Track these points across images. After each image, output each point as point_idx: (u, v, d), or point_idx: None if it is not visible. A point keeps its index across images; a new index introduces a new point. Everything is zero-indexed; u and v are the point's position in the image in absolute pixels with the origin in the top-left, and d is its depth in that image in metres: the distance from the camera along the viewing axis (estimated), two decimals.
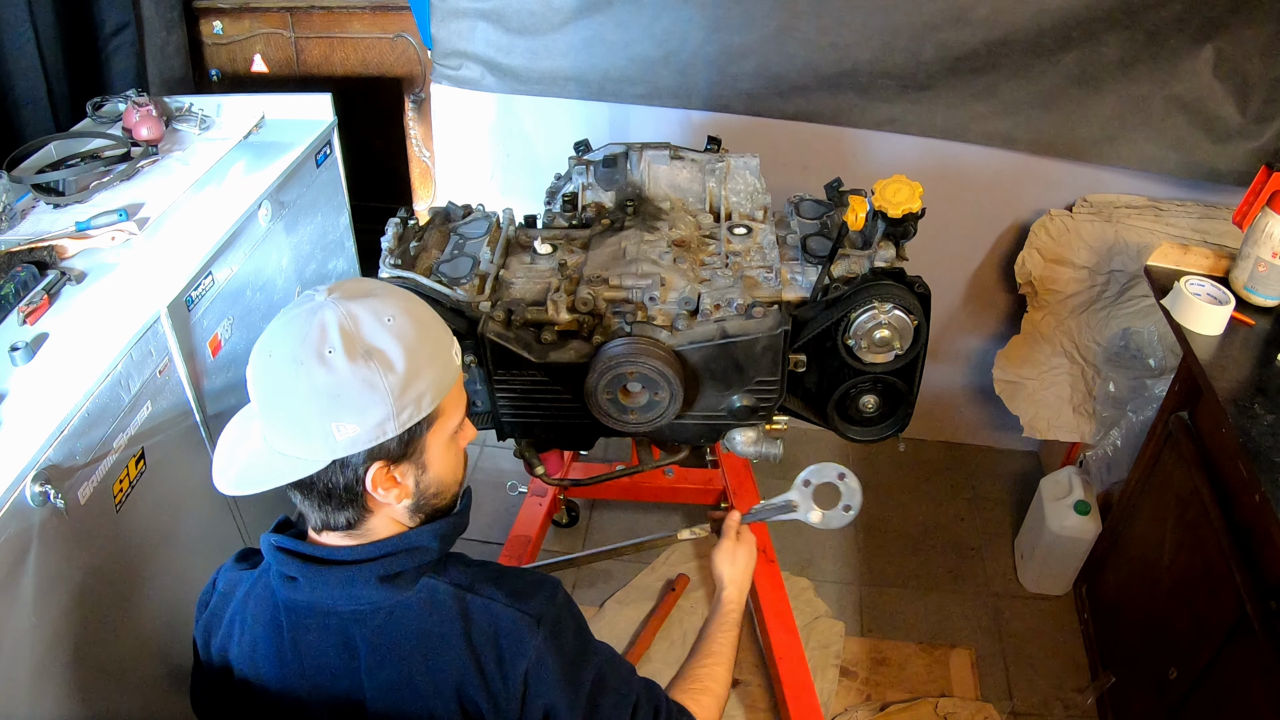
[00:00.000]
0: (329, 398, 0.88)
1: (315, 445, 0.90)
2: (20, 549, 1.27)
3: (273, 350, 0.91)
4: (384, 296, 0.94)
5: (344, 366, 0.88)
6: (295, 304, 0.94)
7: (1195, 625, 1.64)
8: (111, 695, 1.50)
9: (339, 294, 0.92)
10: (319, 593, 0.98)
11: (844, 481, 1.41)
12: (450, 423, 0.99)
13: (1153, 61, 1.97)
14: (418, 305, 0.97)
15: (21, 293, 1.51)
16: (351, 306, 0.91)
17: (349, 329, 0.90)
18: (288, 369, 0.89)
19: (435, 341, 0.96)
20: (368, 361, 0.89)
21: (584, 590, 2.35)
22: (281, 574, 0.99)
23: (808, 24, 2.05)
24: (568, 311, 1.42)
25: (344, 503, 0.95)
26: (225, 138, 2.07)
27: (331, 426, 0.89)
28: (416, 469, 0.97)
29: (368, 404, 0.89)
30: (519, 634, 0.96)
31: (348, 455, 0.91)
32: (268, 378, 0.92)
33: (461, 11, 2.20)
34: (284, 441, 0.92)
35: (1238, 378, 1.58)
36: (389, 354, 0.90)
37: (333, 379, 0.88)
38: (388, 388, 0.89)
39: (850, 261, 1.53)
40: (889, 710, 2.07)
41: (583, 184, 1.74)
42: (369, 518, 0.98)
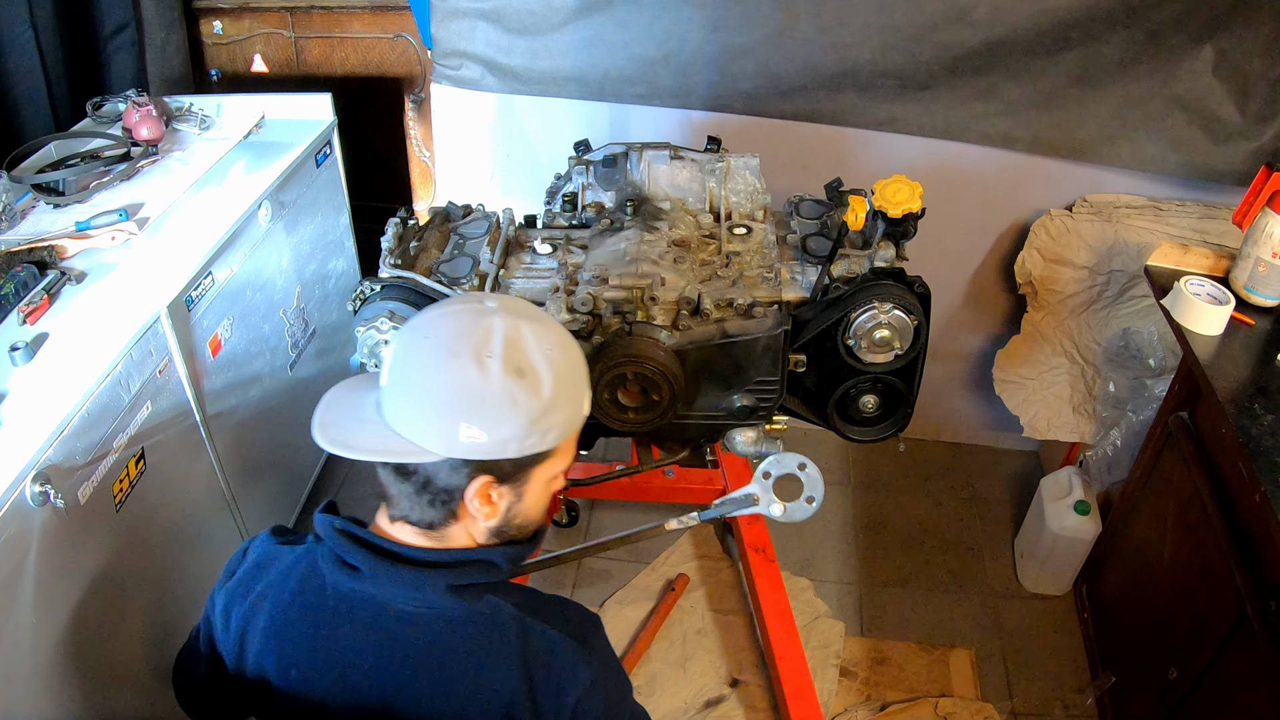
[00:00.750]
0: (470, 398, 0.90)
1: (436, 437, 0.91)
2: (20, 549, 1.27)
3: (430, 334, 0.93)
4: (548, 324, 0.97)
5: (497, 374, 0.90)
6: (460, 299, 0.97)
7: (1195, 625, 1.64)
8: (111, 695, 1.50)
9: (509, 309, 0.95)
10: (381, 587, 0.97)
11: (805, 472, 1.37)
12: (559, 465, 1.01)
13: (1153, 61, 1.96)
14: (574, 345, 1.00)
15: (21, 293, 1.51)
16: (519, 323, 0.93)
17: (513, 341, 0.91)
18: (440, 357, 0.91)
19: (578, 384, 0.99)
20: (519, 378, 0.91)
21: (584, 590, 2.35)
22: (340, 559, 0.98)
23: (807, 24, 2.05)
24: (567, 311, 1.42)
25: (437, 502, 0.96)
26: (225, 138, 2.07)
27: (460, 425, 0.90)
28: (514, 495, 0.98)
29: (503, 418, 0.91)
30: (574, 664, 0.98)
31: (463, 458, 0.92)
32: (416, 358, 0.93)
33: (461, 11, 2.20)
34: (404, 423, 0.92)
35: (1238, 378, 1.58)
36: (541, 378, 0.92)
37: (482, 382, 0.90)
38: (528, 410, 0.91)
39: (850, 261, 1.53)
40: (889, 710, 2.07)
41: (583, 184, 1.74)
42: (451, 525, 0.98)
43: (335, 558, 0.98)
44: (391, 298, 1.42)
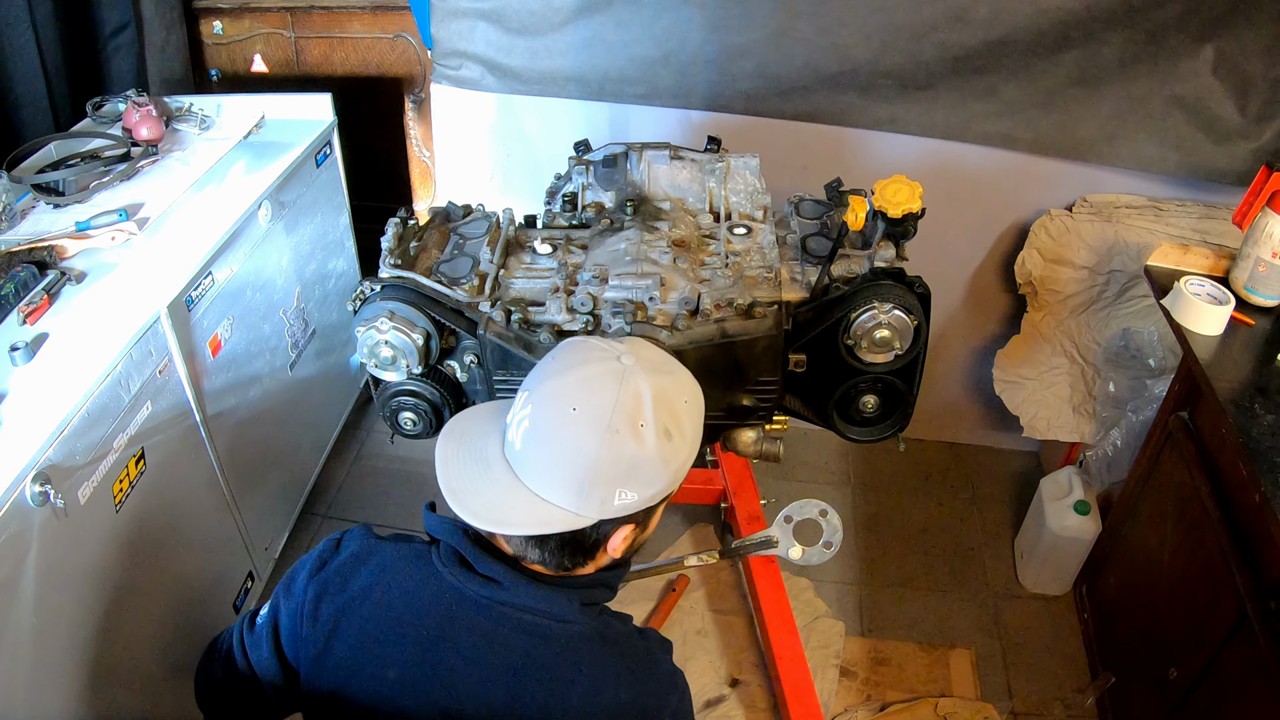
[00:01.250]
0: (629, 468, 0.92)
1: (590, 504, 0.93)
2: (20, 549, 1.27)
3: (579, 405, 0.93)
4: (679, 375, 1.01)
5: (652, 442, 0.93)
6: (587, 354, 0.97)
7: (1195, 625, 1.64)
8: (111, 695, 1.50)
9: (645, 364, 0.96)
10: (517, 597, 0.98)
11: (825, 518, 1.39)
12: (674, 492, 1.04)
13: (1153, 61, 1.97)
14: (695, 387, 1.03)
15: (21, 293, 1.51)
16: (658, 381, 0.95)
17: (662, 404, 0.94)
18: (595, 432, 0.92)
19: (700, 424, 1.02)
20: (669, 440, 0.94)
21: None
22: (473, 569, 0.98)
23: (807, 24, 2.05)
24: (567, 311, 1.42)
25: (575, 553, 0.98)
26: (225, 138, 2.07)
27: (615, 491, 0.93)
28: (644, 529, 1.03)
29: (656, 478, 0.94)
30: (664, 688, 1.03)
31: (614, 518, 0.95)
32: (568, 431, 0.93)
33: (461, 11, 2.20)
34: (553, 491, 0.93)
35: (1238, 378, 1.58)
36: (685, 434, 0.96)
37: (640, 453, 0.92)
38: (676, 465, 0.95)
39: (850, 261, 1.53)
40: (889, 710, 2.07)
41: (583, 184, 1.74)
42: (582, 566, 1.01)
43: (460, 562, 0.99)
44: (391, 298, 1.42)
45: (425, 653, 0.98)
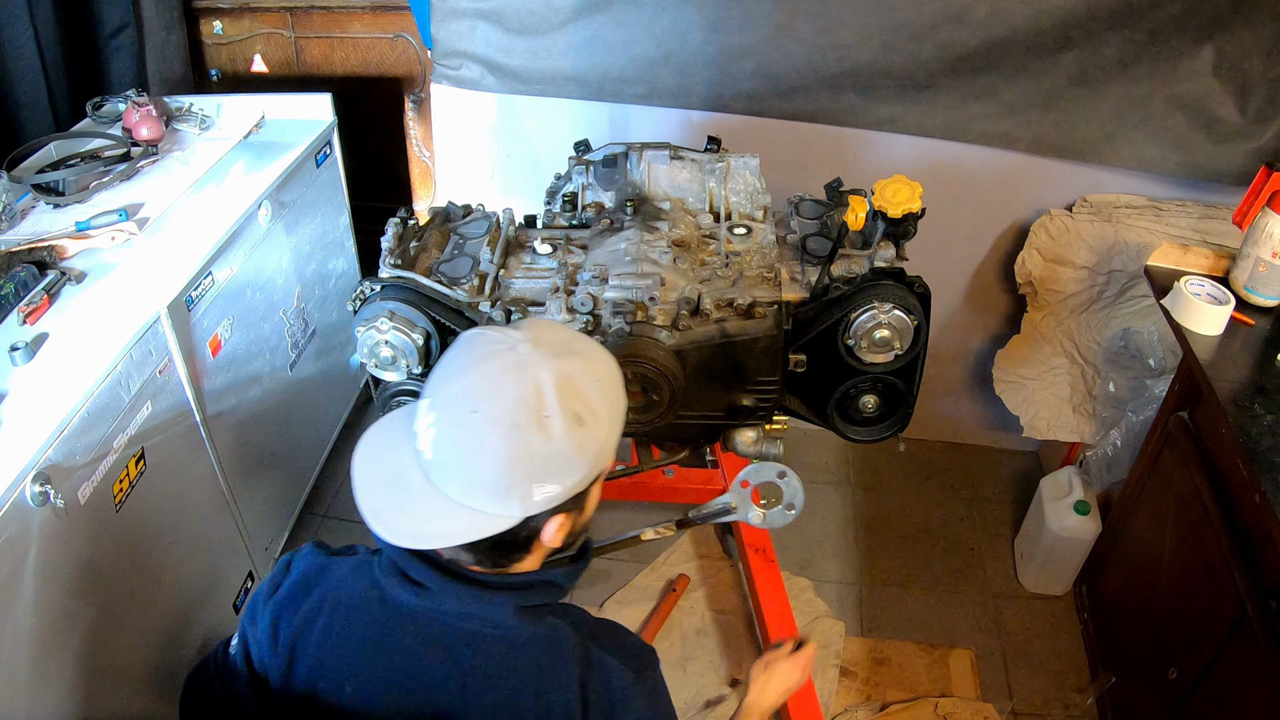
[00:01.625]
0: (541, 462, 0.88)
1: (511, 504, 0.89)
2: (20, 549, 1.27)
3: (478, 408, 0.88)
4: (589, 354, 0.94)
5: (561, 432, 0.87)
6: (486, 349, 0.91)
7: (1195, 625, 1.64)
8: (111, 695, 1.50)
9: (545, 349, 0.90)
10: (448, 605, 0.95)
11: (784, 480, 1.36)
12: (611, 465, 0.99)
13: (1153, 61, 1.97)
14: (609, 360, 0.98)
15: (21, 293, 1.51)
16: (562, 365, 0.90)
17: (565, 391, 0.88)
18: (499, 431, 0.87)
19: (622, 397, 0.97)
20: (581, 427, 0.89)
21: (584, 590, 2.35)
22: (406, 577, 0.96)
23: (807, 24, 2.05)
24: (567, 311, 1.42)
25: (510, 550, 0.95)
26: (225, 138, 2.07)
27: (533, 487, 0.88)
28: (578, 514, 0.98)
29: (575, 467, 0.90)
30: (628, 694, 0.98)
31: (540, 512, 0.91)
32: (472, 435, 0.88)
33: (461, 11, 2.20)
34: (470, 496, 0.89)
35: (1238, 378, 1.58)
36: (599, 417, 0.91)
37: (549, 446, 0.87)
38: (596, 450, 0.90)
39: (850, 261, 1.53)
40: (889, 710, 2.07)
41: (583, 184, 1.74)
42: (522, 560, 0.98)
43: (397, 572, 0.96)
44: (391, 298, 1.42)
45: (374, 666, 0.97)
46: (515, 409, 0.87)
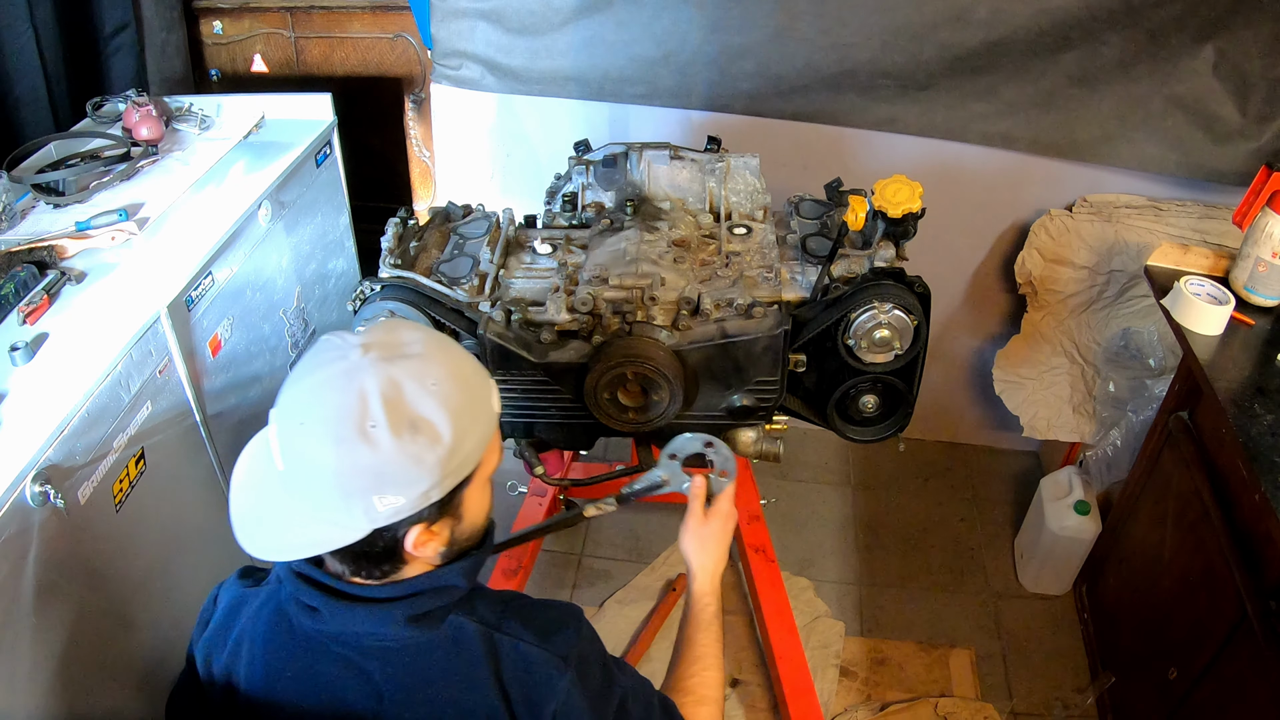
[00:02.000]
0: (372, 475, 0.83)
1: (355, 516, 0.85)
2: (20, 549, 1.27)
3: (305, 419, 0.85)
4: (426, 357, 0.88)
5: (388, 443, 0.82)
6: (323, 355, 0.87)
7: (1195, 625, 1.64)
8: (111, 695, 1.50)
9: (376, 353, 0.86)
10: (342, 626, 0.94)
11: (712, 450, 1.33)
12: (488, 470, 0.96)
13: (1153, 61, 1.97)
14: (459, 359, 0.92)
15: (21, 293, 1.51)
16: (393, 371, 0.85)
17: (392, 398, 0.83)
18: (324, 444, 0.83)
19: (479, 399, 0.92)
20: (414, 435, 0.84)
21: (584, 590, 2.35)
22: (301, 603, 0.95)
23: (807, 24, 2.05)
24: (568, 311, 1.42)
25: (380, 560, 0.92)
26: (225, 138, 2.07)
27: (374, 499, 0.84)
28: (454, 520, 0.94)
29: (414, 478, 0.85)
30: (548, 675, 0.95)
31: (389, 524, 0.87)
32: (300, 450, 0.85)
33: (461, 11, 2.20)
34: (316, 508, 0.86)
35: (1238, 378, 1.58)
36: (436, 424, 0.85)
37: (377, 458, 0.83)
38: (436, 460, 0.85)
39: (850, 261, 1.53)
40: (889, 710, 2.07)
41: (583, 184, 1.74)
42: (403, 569, 0.95)
43: (296, 601, 0.95)
44: (391, 298, 1.42)
45: (298, 694, 0.97)
46: (338, 421, 0.83)
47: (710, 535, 1.27)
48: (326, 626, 0.94)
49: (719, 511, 1.29)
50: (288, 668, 0.97)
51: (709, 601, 1.24)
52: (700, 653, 1.19)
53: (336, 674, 0.96)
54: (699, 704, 1.15)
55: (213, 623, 1.05)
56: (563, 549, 2.46)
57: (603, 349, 1.38)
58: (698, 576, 1.26)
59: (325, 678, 0.96)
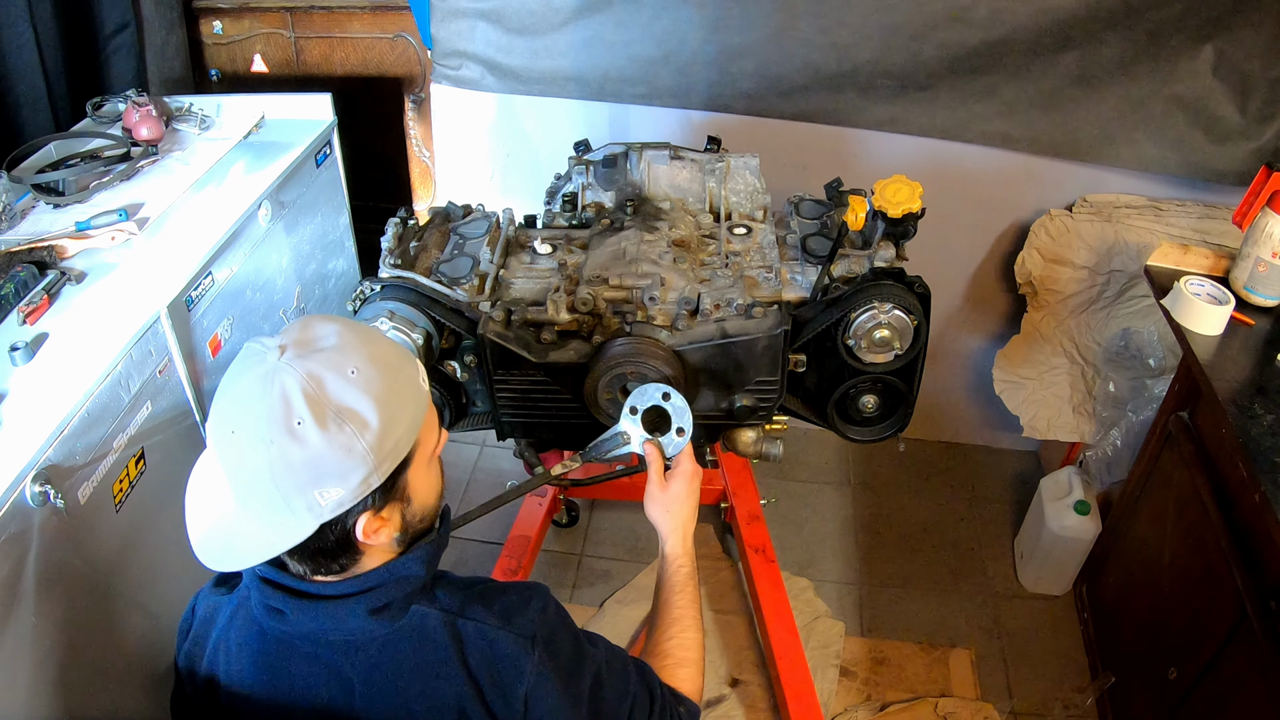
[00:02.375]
0: (307, 470, 0.84)
1: (300, 515, 0.86)
2: (20, 549, 1.27)
3: (235, 427, 0.86)
4: (343, 349, 0.88)
5: (317, 437, 0.83)
6: (246, 362, 0.88)
7: (1195, 625, 1.64)
8: (112, 695, 1.50)
9: (292, 351, 0.86)
10: (307, 624, 0.95)
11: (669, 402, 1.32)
12: (428, 449, 0.97)
13: (1153, 61, 1.97)
14: (377, 344, 0.92)
15: (21, 293, 1.51)
16: (310, 366, 0.85)
17: (313, 393, 0.84)
18: (256, 448, 0.84)
19: (404, 380, 0.92)
20: (341, 425, 0.84)
21: (584, 590, 2.35)
22: (268, 606, 0.96)
23: (807, 24, 2.05)
24: (568, 311, 1.43)
25: (335, 554, 0.93)
26: (225, 138, 2.07)
27: (314, 495, 0.85)
28: (402, 504, 0.94)
29: (348, 468, 0.85)
30: (515, 657, 0.96)
31: (335, 517, 0.88)
32: (235, 457, 0.86)
33: (461, 11, 2.20)
34: (265, 515, 0.87)
35: (1238, 378, 1.58)
36: (361, 412, 0.85)
37: (308, 453, 0.83)
38: (366, 447, 0.85)
39: (850, 261, 1.53)
40: (889, 710, 2.07)
41: (583, 184, 1.74)
42: (360, 559, 0.95)
43: (264, 605, 0.97)
44: (391, 298, 1.42)
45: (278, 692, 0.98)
46: (265, 424, 0.84)
47: (673, 497, 1.29)
48: (292, 627, 0.96)
49: (679, 472, 1.29)
50: (263, 670, 0.99)
51: (682, 563, 1.26)
52: (676, 615, 1.21)
53: (308, 672, 0.97)
54: (678, 666, 1.16)
55: (191, 632, 1.07)
56: (563, 549, 2.47)
57: (602, 349, 1.38)
58: (668, 539, 1.28)
59: (298, 677, 0.98)
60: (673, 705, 1.11)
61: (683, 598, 1.23)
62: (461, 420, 1.57)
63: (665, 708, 1.09)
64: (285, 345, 0.87)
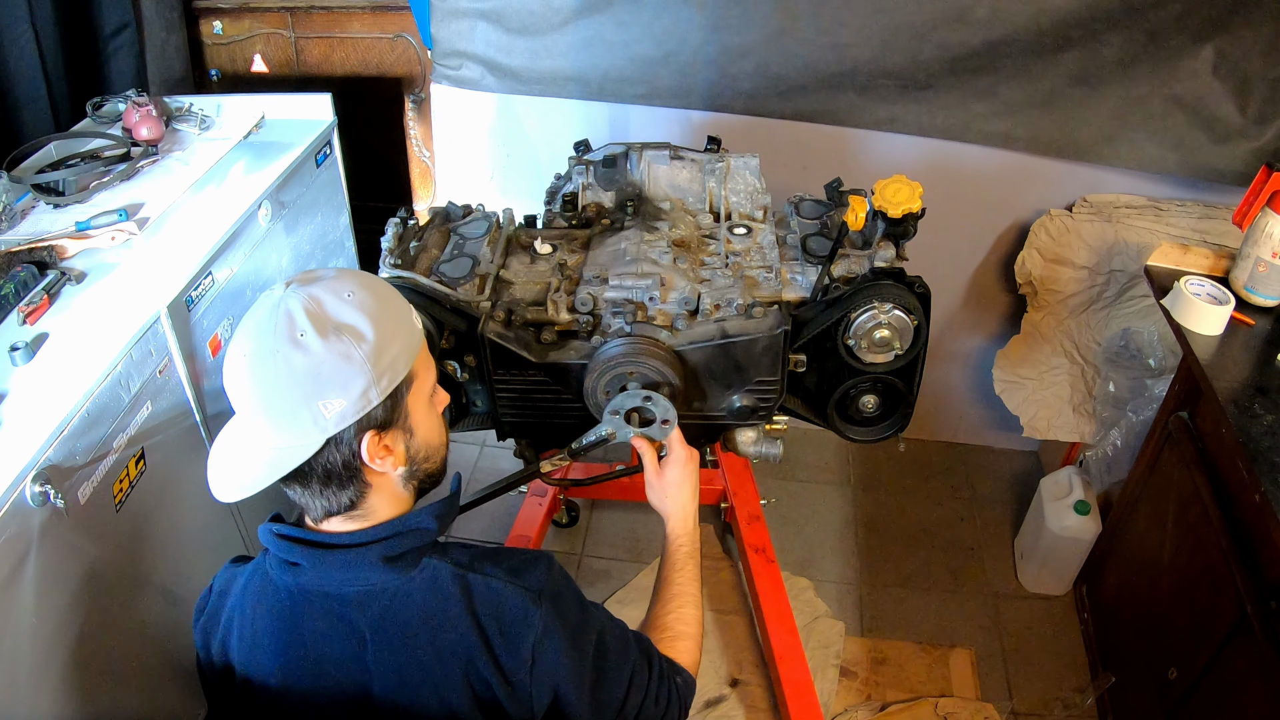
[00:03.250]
0: (311, 378, 0.91)
1: (307, 429, 0.93)
2: (20, 549, 1.27)
3: (246, 350, 0.94)
4: (340, 276, 0.98)
5: (318, 345, 0.91)
6: (258, 304, 0.97)
7: (1195, 625, 1.64)
8: (111, 695, 1.50)
9: (297, 283, 0.96)
10: (323, 576, 0.99)
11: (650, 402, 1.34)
12: (426, 384, 1.03)
13: (1153, 61, 1.97)
14: (372, 279, 1.01)
15: (21, 293, 1.51)
16: (311, 290, 0.94)
17: (314, 310, 0.93)
18: (265, 362, 0.92)
19: (397, 309, 1.00)
20: (340, 336, 0.92)
21: (584, 590, 2.34)
22: (283, 561, 1.01)
23: (807, 24, 2.05)
24: (568, 311, 1.43)
25: (345, 481, 0.97)
26: (225, 138, 2.07)
27: (319, 406, 0.92)
28: (405, 433, 1.00)
29: (348, 376, 0.92)
30: (524, 608, 0.99)
31: (339, 431, 0.94)
32: (248, 376, 0.94)
33: (461, 11, 2.20)
34: (275, 435, 0.94)
35: (1238, 378, 1.58)
36: (358, 326, 0.94)
37: (310, 360, 0.91)
38: (363, 356, 0.93)
39: (850, 261, 1.53)
40: (889, 710, 2.07)
41: (583, 184, 1.74)
42: (369, 494, 1.00)
43: (280, 561, 1.01)
44: None
45: (290, 650, 1.02)
46: (272, 338, 0.92)
47: (671, 482, 1.33)
48: (308, 579, 1.00)
49: (673, 458, 1.34)
50: (278, 628, 1.02)
51: (683, 542, 1.31)
52: (675, 591, 1.26)
53: (321, 626, 1.00)
54: (675, 639, 1.21)
55: (207, 607, 1.11)
56: (563, 549, 2.47)
57: (602, 349, 1.38)
58: (669, 521, 1.33)
59: (311, 633, 1.01)
60: (670, 674, 1.15)
61: (681, 575, 1.28)
62: (461, 420, 1.57)
63: (663, 675, 1.13)
64: (289, 281, 0.97)
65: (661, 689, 1.12)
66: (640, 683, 1.09)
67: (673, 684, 1.14)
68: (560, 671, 1.00)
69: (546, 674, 1.00)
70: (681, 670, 1.18)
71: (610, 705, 1.07)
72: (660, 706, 1.12)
